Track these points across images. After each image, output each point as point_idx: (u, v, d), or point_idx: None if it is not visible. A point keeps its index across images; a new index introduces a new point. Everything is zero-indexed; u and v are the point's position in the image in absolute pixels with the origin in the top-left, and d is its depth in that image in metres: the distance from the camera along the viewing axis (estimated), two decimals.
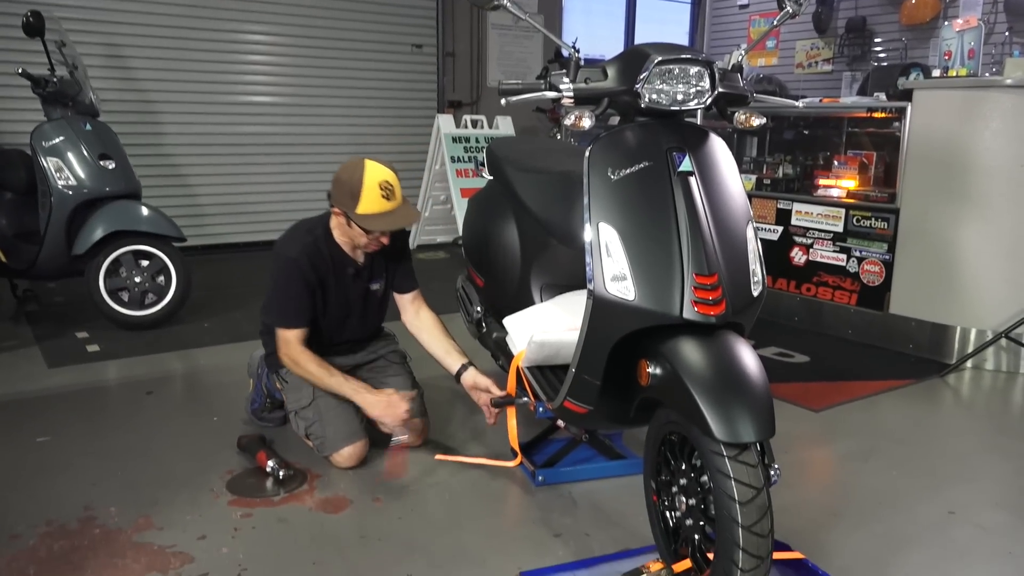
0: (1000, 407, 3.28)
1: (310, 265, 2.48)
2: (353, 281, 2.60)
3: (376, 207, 2.39)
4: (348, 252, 2.56)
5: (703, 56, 1.89)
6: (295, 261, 2.47)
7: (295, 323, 2.50)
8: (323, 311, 2.57)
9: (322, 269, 2.52)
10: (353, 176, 2.39)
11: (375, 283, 2.67)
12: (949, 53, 3.90)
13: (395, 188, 2.43)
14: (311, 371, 2.49)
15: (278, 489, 2.41)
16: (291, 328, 2.50)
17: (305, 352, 2.50)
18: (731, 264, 1.83)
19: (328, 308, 2.58)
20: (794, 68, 8.00)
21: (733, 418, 1.62)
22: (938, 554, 2.10)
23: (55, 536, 2.12)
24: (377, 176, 2.39)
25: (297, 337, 2.50)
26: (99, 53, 5.57)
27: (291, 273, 2.47)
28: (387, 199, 2.40)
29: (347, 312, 2.63)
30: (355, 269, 2.59)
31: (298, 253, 2.48)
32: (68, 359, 3.64)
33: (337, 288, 2.57)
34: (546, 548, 2.09)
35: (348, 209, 2.40)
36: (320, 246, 2.52)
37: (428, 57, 7.12)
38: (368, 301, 2.68)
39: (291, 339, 2.50)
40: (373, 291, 2.67)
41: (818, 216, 4.16)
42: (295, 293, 2.48)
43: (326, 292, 2.55)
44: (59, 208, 3.98)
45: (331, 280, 2.55)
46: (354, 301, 2.63)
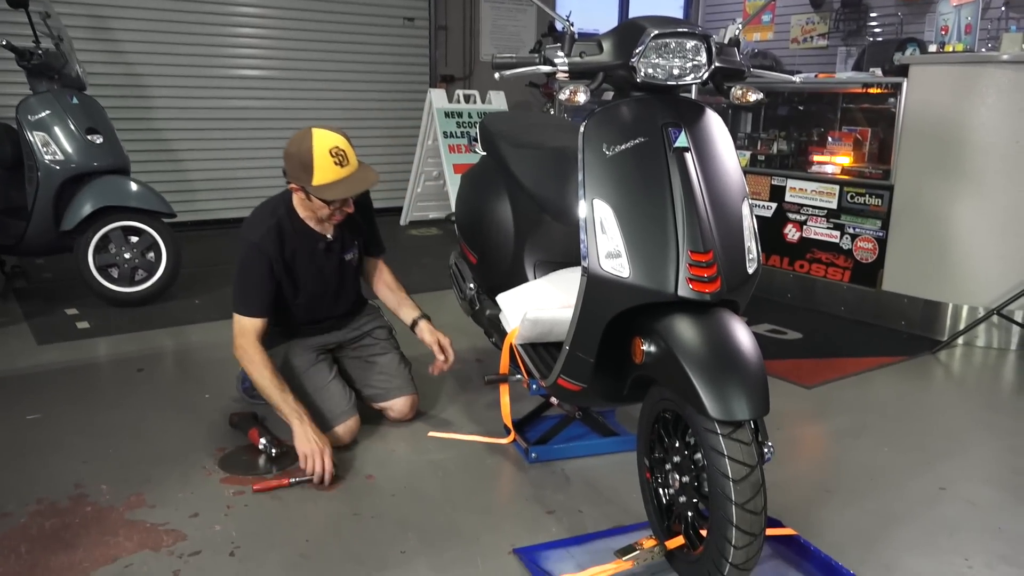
0: (991, 384, 3.30)
1: (275, 248, 2.40)
2: (326, 255, 2.54)
3: (331, 175, 2.31)
4: (315, 227, 2.49)
5: (700, 30, 1.86)
6: (256, 245, 2.39)
7: (252, 311, 2.40)
8: (297, 292, 2.52)
9: (290, 249, 2.44)
10: (302, 148, 2.29)
11: (348, 253, 2.62)
12: (946, 28, 3.87)
13: (348, 152, 2.34)
14: (263, 376, 2.36)
15: (271, 466, 2.41)
16: (247, 316, 2.40)
17: (261, 352, 2.38)
18: (726, 241, 1.81)
19: (303, 287, 2.52)
20: (789, 43, 7.94)
21: (727, 396, 1.62)
22: (929, 530, 2.11)
23: (46, 514, 2.11)
24: (326, 143, 2.30)
25: (254, 327, 2.39)
26: (85, 25, 5.47)
27: (252, 258, 2.39)
28: (341, 165, 2.31)
29: (324, 288, 2.58)
30: (325, 243, 2.52)
31: (260, 237, 2.39)
32: (58, 336, 3.62)
33: (310, 265, 2.51)
34: (539, 525, 2.10)
35: (304, 183, 2.32)
36: (284, 226, 2.43)
37: (420, 30, 7.03)
38: (344, 273, 2.63)
39: (247, 328, 2.39)
40: (347, 261, 2.63)
41: (812, 193, 4.14)
42: (256, 280, 2.39)
43: (298, 271, 2.49)
44: (46, 183, 3.93)
45: (303, 258, 2.48)
46: (330, 275, 2.58)
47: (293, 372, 2.55)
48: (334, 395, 2.53)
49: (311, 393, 2.52)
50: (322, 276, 2.56)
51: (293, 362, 2.57)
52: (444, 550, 1.98)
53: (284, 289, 2.50)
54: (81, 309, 4.01)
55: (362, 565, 1.91)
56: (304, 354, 2.60)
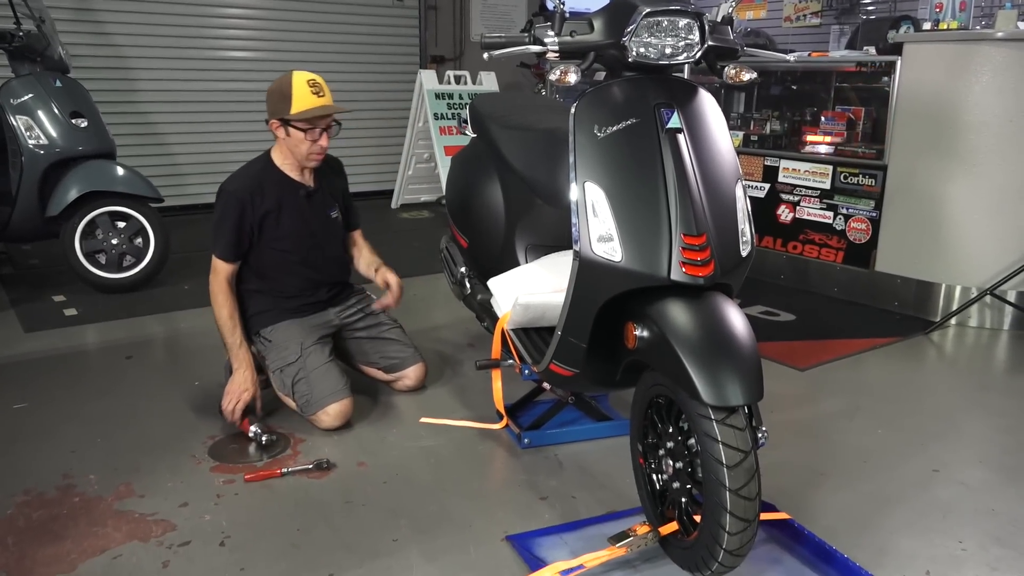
0: (984, 364, 3.30)
1: (252, 195, 2.55)
2: (308, 204, 2.66)
3: (309, 102, 2.50)
4: (296, 176, 2.64)
5: (692, 7, 1.82)
6: (232, 193, 2.55)
7: (222, 254, 2.57)
8: (278, 237, 2.61)
9: (270, 197, 2.58)
10: (282, 83, 2.53)
11: (332, 211, 2.75)
12: (940, 5, 3.83)
13: (323, 86, 2.56)
14: (220, 315, 2.56)
15: (261, 454, 2.39)
16: (219, 258, 2.58)
17: (224, 293, 2.57)
18: (720, 224, 1.79)
19: (287, 233, 2.62)
20: (782, 22, 7.87)
21: (721, 381, 1.60)
22: (922, 512, 2.11)
23: (33, 505, 2.08)
24: (304, 76, 2.53)
25: (224, 269, 2.58)
26: (68, 6, 5.38)
27: (227, 205, 2.55)
28: (318, 95, 2.52)
29: (313, 239, 2.67)
30: (306, 191, 2.65)
31: (237, 186, 2.57)
32: (45, 323, 3.58)
33: (294, 212, 2.62)
34: (532, 511, 2.08)
35: (283, 113, 2.51)
36: (263, 176, 2.61)
37: (409, 10, 6.94)
38: (330, 229, 2.75)
39: (218, 268, 2.58)
40: (333, 219, 2.76)
41: (805, 173, 4.12)
42: (228, 226, 2.55)
43: (281, 217, 2.60)
44: (30, 168, 3.87)
45: (285, 205, 2.61)
46: (316, 227, 2.68)
47: (294, 351, 2.56)
48: (330, 375, 2.54)
49: (309, 370, 2.52)
50: (308, 225, 2.66)
51: (294, 341, 2.58)
52: (436, 537, 1.97)
53: (275, 235, 2.60)
54: (69, 296, 3.96)
55: (353, 553, 1.90)
56: (306, 335, 2.61)
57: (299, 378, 2.52)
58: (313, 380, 2.51)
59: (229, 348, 2.56)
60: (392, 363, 2.80)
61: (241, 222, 2.55)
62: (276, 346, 2.59)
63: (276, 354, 2.58)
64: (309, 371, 2.52)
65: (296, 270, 2.66)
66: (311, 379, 2.51)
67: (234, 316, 2.57)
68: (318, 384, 2.50)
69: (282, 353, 2.57)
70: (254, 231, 2.58)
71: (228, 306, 2.57)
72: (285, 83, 2.52)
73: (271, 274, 2.65)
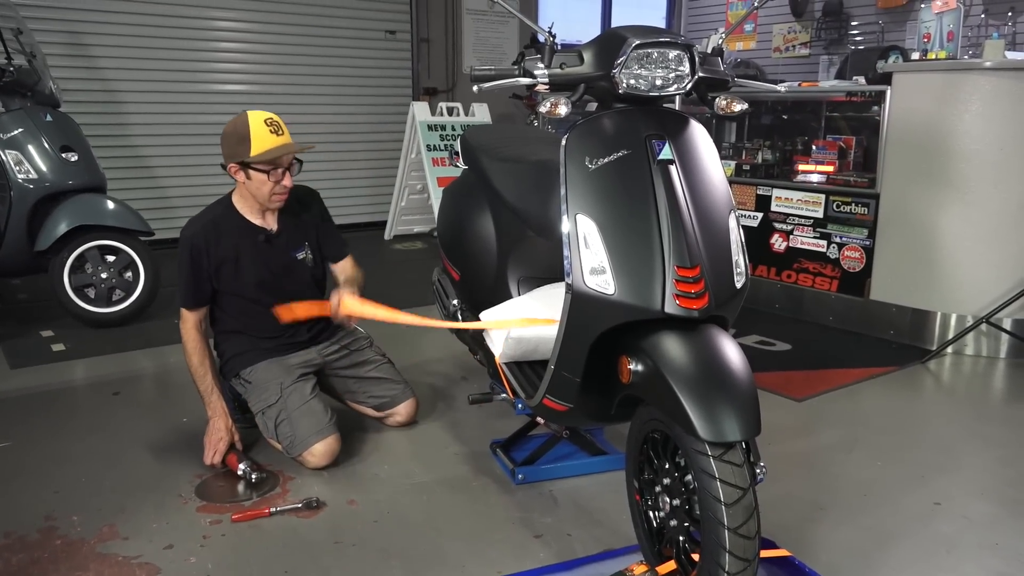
0: (982, 393, 3.27)
1: (208, 241, 2.49)
2: (269, 248, 2.57)
3: (268, 143, 2.42)
4: (257, 220, 2.57)
5: (682, 39, 1.81)
6: (188, 240, 2.50)
7: (186, 303, 2.53)
8: (239, 285, 2.54)
9: (226, 242, 2.52)
10: (237, 124, 2.44)
11: (298, 252, 2.64)
12: (928, 36, 3.86)
13: (281, 125, 2.48)
14: (190, 363, 2.53)
15: (250, 493, 2.33)
16: (183, 306, 2.54)
17: (194, 340, 2.52)
18: (713, 255, 1.76)
19: (245, 280, 2.54)
20: (771, 52, 7.96)
21: (717, 416, 1.56)
22: (925, 547, 2.07)
23: (14, 549, 2.02)
24: (261, 116, 2.46)
25: (190, 317, 2.53)
26: (59, 41, 5.40)
27: (183, 253, 2.50)
28: (277, 134, 2.45)
29: (276, 283, 2.58)
30: (266, 236, 2.57)
31: (192, 232, 2.50)
32: (32, 359, 3.53)
33: (252, 259, 2.55)
34: (527, 550, 2.03)
35: (242, 156, 2.42)
36: (220, 220, 2.54)
37: (402, 43, 6.99)
38: (297, 273, 2.63)
39: (185, 317, 2.54)
40: (299, 260, 2.64)
41: (798, 202, 4.12)
42: (188, 275, 2.51)
43: (239, 265, 2.53)
44: (19, 203, 3.85)
45: (242, 251, 2.53)
46: (277, 271, 2.59)
47: (274, 392, 2.50)
48: (314, 413, 2.48)
49: (290, 411, 2.46)
50: (268, 271, 2.57)
51: (274, 382, 2.52)
52: None
53: (234, 284, 2.54)
54: (57, 331, 3.92)
55: None
56: (285, 374, 2.54)
57: (281, 419, 2.47)
58: (295, 420, 2.45)
59: (202, 396, 2.52)
60: (382, 401, 2.75)
61: (197, 271, 2.50)
62: (256, 388, 2.53)
63: (256, 396, 2.53)
64: (291, 411, 2.46)
65: (266, 313, 2.57)
66: (293, 419, 2.45)
67: (204, 363, 2.52)
68: (300, 424, 2.45)
69: (262, 395, 2.51)
70: (212, 278, 2.52)
71: (198, 354, 2.52)
72: (241, 124, 2.43)
73: (244, 318, 2.60)
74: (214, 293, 2.56)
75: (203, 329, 2.56)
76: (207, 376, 2.52)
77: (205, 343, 2.56)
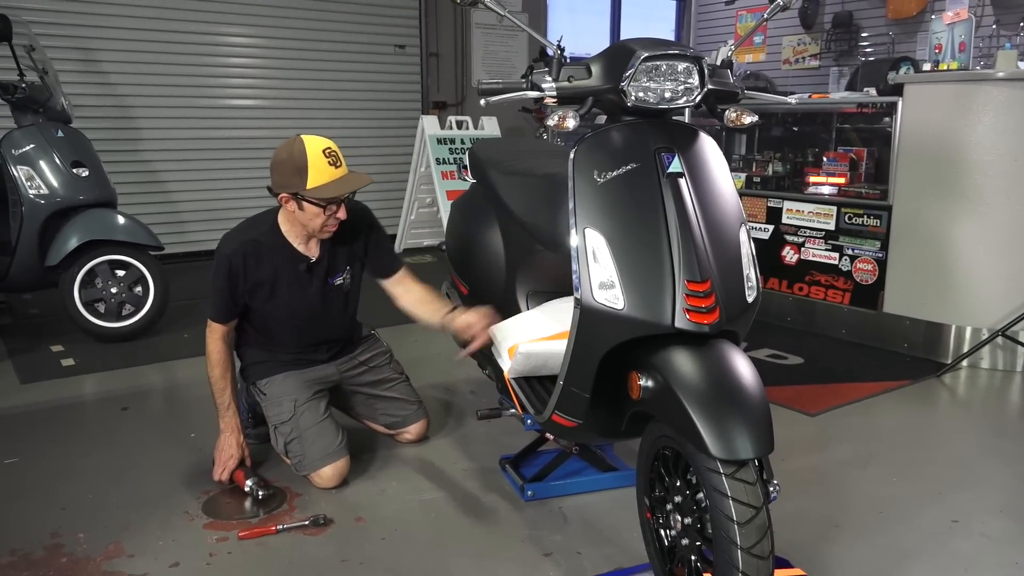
0: (998, 408, 3.22)
1: (246, 262, 2.41)
2: (307, 277, 2.49)
3: (326, 176, 2.29)
4: (300, 246, 2.47)
5: (691, 51, 1.80)
6: (227, 257, 2.41)
7: (216, 316, 2.47)
8: (271, 308, 2.48)
9: (266, 266, 2.44)
10: (293, 152, 2.29)
11: (337, 278, 2.56)
12: (939, 46, 3.84)
13: (340, 156, 2.36)
14: (211, 374, 2.47)
15: (257, 509, 2.31)
16: (213, 320, 2.48)
17: (218, 352, 2.46)
18: (724, 269, 1.74)
19: (278, 304, 2.48)
20: (781, 64, 7.94)
21: (729, 434, 1.54)
22: (943, 566, 2.02)
23: (19, 567, 2.01)
24: (319, 145, 2.31)
25: (217, 329, 2.47)
26: (71, 58, 5.44)
27: (220, 268, 2.42)
28: (335, 166, 2.32)
29: (310, 310, 2.53)
30: (307, 265, 2.48)
31: (233, 250, 2.41)
32: (41, 374, 3.53)
33: (289, 286, 2.47)
34: (536, 569, 2.00)
35: (298, 188, 2.29)
36: (263, 242, 2.43)
37: (411, 58, 7.02)
38: (330, 298, 2.56)
39: (213, 328, 2.48)
40: (336, 287, 2.56)
41: (809, 214, 4.08)
42: (220, 288, 2.43)
43: (276, 289, 2.46)
44: (31, 218, 3.86)
45: (281, 277, 2.46)
46: (313, 298, 2.52)
47: (287, 408, 2.48)
48: (325, 435, 2.45)
49: (302, 430, 2.44)
50: (305, 299, 2.51)
51: (288, 398, 2.50)
52: None
53: (266, 307, 2.48)
54: (67, 345, 3.92)
55: None
56: (300, 390, 2.52)
57: (292, 437, 2.45)
58: (306, 441, 2.43)
59: (217, 408, 2.48)
60: (394, 420, 2.73)
61: (232, 288, 2.43)
62: (271, 401, 2.51)
63: (271, 409, 2.51)
64: (302, 431, 2.44)
65: (292, 333, 2.55)
66: (304, 440, 2.43)
67: (226, 377, 2.46)
68: (311, 445, 2.42)
69: (276, 410, 2.49)
70: (245, 297, 2.46)
71: (221, 366, 2.46)
72: (298, 153, 2.28)
73: (267, 333, 2.56)
74: (245, 308, 2.51)
75: (230, 341, 2.51)
76: (227, 391, 2.46)
77: (230, 356, 2.50)
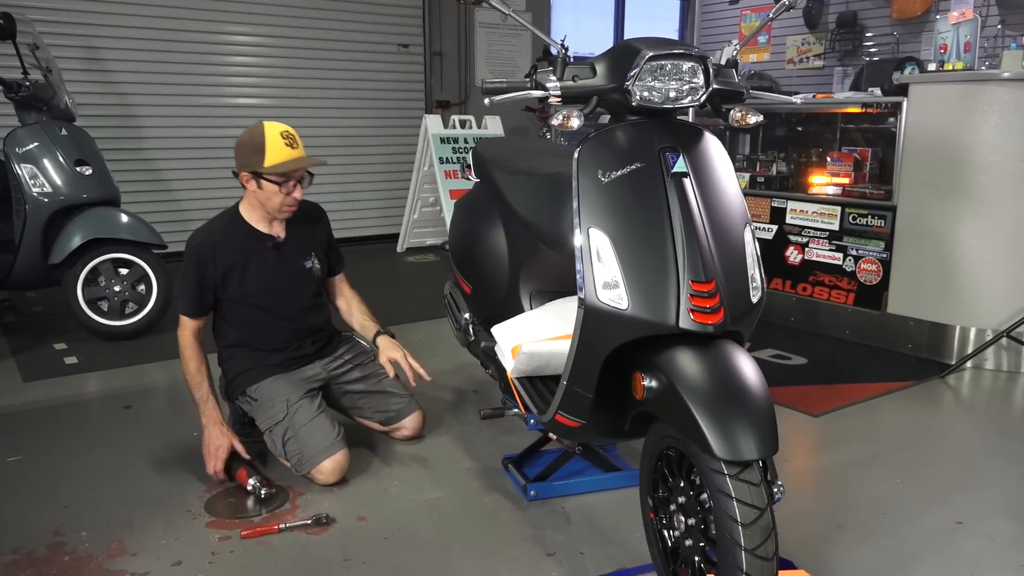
0: (1003, 409, 3.21)
1: (215, 250, 2.50)
2: (276, 255, 2.58)
3: (283, 155, 2.44)
4: (263, 228, 2.57)
5: (696, 51, 1.79)
6: (195, 248, 2.51)
7: (186, 311, 2.54)
8: (246, 292, 2.54)
9: (234, 251, 2.52)
10: (254, 134, 2.47)
11: (306, 260, 2.65)
12: (945, 46, 3.82)
13: (296, 138, 2.50)
14: (186, 370, 2.52)
15: (260, 508, 2.31)
16: (183, 313, 2.55)
17: (191, 348, 2.52)
18: (729, 269, 1.74)
19: (252, 287, 2.54)
20: (785, 64, 7.92)
21: (734, 434, 1.53)
22: (947, 568, 2.01)
23: (21, 565, 2.01)
24: (277, 128, 2.48)
25: (189, 324, 2.54)
26: (75, 56, 5.44)
27: (189, 261, 2.51)
28: (291, 147, 2.47)
29: (283, 290, 2.59)
30: (273, 243, 2.58)
31: (200, 240, 2.52)
32: (44, 372, 3.53)
33: (259, 265, 2.56)
34: (539, 569, 2.00)
35: (255, 166, 2.44)
36: (228, 230, 2.55)
37: (415, 57, 7.01)
38: (303, 282, 2.65)
39: (184, 324, 2.55)
40: (307, 269, 2.65)
41: (813, 214, 4.07)
42: (191, 282, 2.51)
43: (247, 272, 2.54)
44: (34, 216, 3.86)
45: (250, 258, 2.54)
46: (285, 278, 2.60)
47: (280, 408, 2.48)
48: (321, 429, 2.45)
49: (297, 428, 2.44)
50: (275, 279, 2.58)
51: (280, 399, 2.50)
52: None
53: (241, 292, 2.54)
54: (70, 344, 3.92)
55: None
56: (291, 391, 2.52)
57: (288, 436, 2.44)
58: (303, 437, 2.43)
59: (197, 403, 2.50)
60: (388, 415, 2.73)
61: (203, 278, 2.50)
62: (262, 405, 2.51)
63: (263, 414, 2.51)
64: (298, 428, 2.44)
65: (272, 322, 2.59)
66: (300, 436, 2.43)
67: (201, 370, 2.51)
68: (308, 441, 2.42)
69: (268, 412, 2.49)
70: (217, 286, 2.52)
71: (195, 360, 2.51)
72: (257, 134, 2.45)
73: (249, 330, 2.60)
74: (217, 303, 2.57)
75: (201, 338, 2.57)
76: (203, 383, 2.51)
77: (202, 351, 2.55)
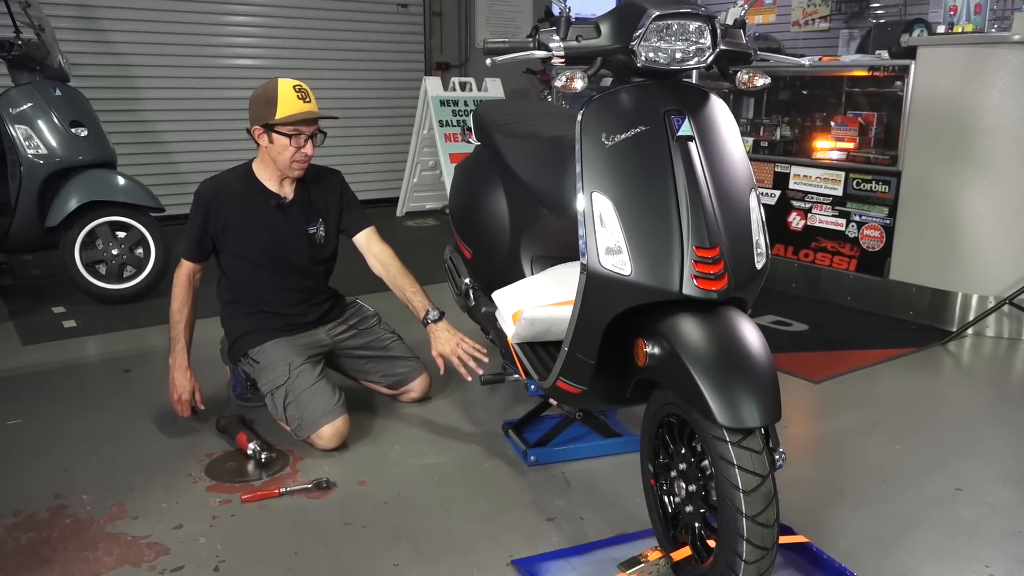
0: (1003, 376, 3.21)
1: (220, 198, 2.53)
2: (280, 215, 2.57)
3: (295, 108, 2.43)
4: (274, 186, 2.57)
5: (703, 10, 1.75)
6: (200, 194, 2.55)
7: (185, 254, 2.59)
8: (244, 247, 2.55)
9: (239, 204, 2.54)
10: (267, 88, 2.46)
11: (311, 226, 2.63)
12: (954, 8, 3.74)
13: (309, 93, 2.49)
14: (172, 309, 2.58)
15: (260, 472, 2.32)
16: (183, 257, 2.60)
17: (181, 288, 2.57)
18: (733, 235, 1.71)
19: (251, 242, 2.55)
20: (791, 26, 7.79)
21: (736, 402, 1.52)
22: (946, 533, 2.02)
23: (23, 527, 2.01)
24: (290, 82, 2.47)
25: (187, 267, 2.58)
26: (69, 15, 5.34)
27: (195, 205, 2.55)
28: (304, 101, 2.46)
29: (277, 252, 2.57)
30: (277, 202, 2.57)
31: (206, 187, 2.56)
32: (43, 336, 3.52)
33: (260, 221, 2.56)
34: (539, 533, 2.01)
35: (267, 118, 2.43)
36: (237, 183, 2.57)
37: (414, 17, 6.89)
38: (303, 246, 2.61)
39: (182, 265, 2.60)
40: (310, 234, 2.63)
41: (817, 180, 4.04)
42: (193, 226, 2.55)
43: (247, 226, 2.55)
44: (30, 178, 3.83)
45: (252, 213, 2.55)
46: (285, 239, 2.58)
47: (282, 372, 2.47)
48: (322, 395, 2.45)
49: (298, 394, 2.44)
50: (276, 237, 2.58)
51: (282, 363, 2.49)
52: (439, 561, 1.89)
53: (239, 245, 2.55)
54: (68, 307, 3.91)
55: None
56: (294, 355, 2.51)
57: (289, 401, 2.44)
58: (303, 402, 2.42)
59: (170, 342, 2.56)
60: (395, 379, 2.74)
61: (205, 224, 2.53)
62: (264, 368, 2.51)
63: (265, 376, 2.50)
64: (298, 393, 2.44)
65: (269, 281, 2.59)
66: (301, 401, 2.43)
67: (183, 311, 2.56)
68: (308, 405, 2.42)
69: (270, 375, 2.48)
70: (218, 236, 2.55)
71: (181, 299, 2.56)
72: (270, 88, 2.45)
73: (248, 287, 2.60)
74: (219, 255, 2.59)
75: (195, 283, 2.60)
76: (181, 323, 2.56)
77: (192, 295, 2.59)
